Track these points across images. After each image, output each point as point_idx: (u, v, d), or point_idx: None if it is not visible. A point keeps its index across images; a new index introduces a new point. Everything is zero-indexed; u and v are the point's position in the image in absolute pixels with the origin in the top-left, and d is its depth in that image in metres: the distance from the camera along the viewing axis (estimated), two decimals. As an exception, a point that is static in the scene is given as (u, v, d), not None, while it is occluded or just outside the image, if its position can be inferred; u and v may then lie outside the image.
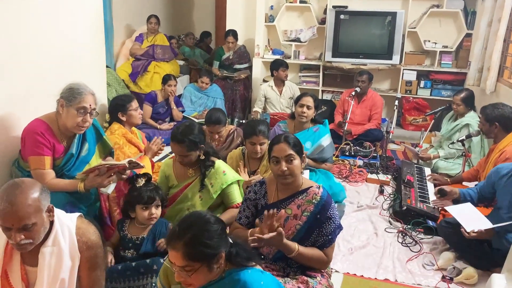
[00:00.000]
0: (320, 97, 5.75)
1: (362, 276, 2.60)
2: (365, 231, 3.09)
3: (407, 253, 2.81)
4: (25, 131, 2.38)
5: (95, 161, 2.58)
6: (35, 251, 1.69)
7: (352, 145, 4.35)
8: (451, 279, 2.54)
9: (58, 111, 2.39)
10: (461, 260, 2.63)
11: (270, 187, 2.20)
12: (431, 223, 3.03)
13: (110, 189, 2.43)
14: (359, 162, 4.19)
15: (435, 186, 3.55)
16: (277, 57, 5.71)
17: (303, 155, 2.13)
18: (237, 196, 2.62)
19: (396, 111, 4.33)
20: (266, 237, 1.87)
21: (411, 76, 5.46)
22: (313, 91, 5.62)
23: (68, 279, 1.72)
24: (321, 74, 5.79)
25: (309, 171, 3.38)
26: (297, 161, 2.07)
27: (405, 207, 3.14)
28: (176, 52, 5.96)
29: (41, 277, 1.68)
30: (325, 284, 2.04)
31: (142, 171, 2.55)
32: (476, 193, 2.81)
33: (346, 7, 5.38)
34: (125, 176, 2.41)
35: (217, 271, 1.54)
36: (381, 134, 4.64)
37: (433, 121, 4.51)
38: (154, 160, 3.43)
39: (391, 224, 3.17)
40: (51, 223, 1.71)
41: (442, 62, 5.41)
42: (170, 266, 1.56)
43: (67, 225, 1.75)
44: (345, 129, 4.42)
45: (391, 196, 3.57)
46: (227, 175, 2.58)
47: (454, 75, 5.35)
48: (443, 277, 2.57)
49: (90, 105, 2.37)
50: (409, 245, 2.89)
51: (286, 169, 2.05)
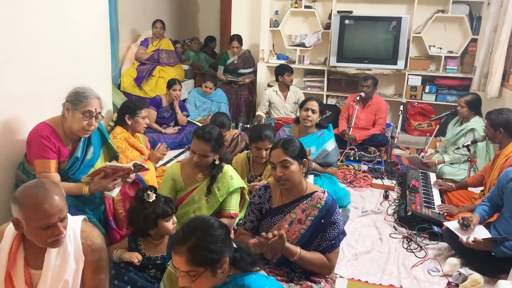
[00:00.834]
0: (324, 102, 5.75)
1: (366, 281, 2.57)
2: (369, 236, 3.07)
3: (412, 258, 2.79)
4: (31, 134, 2.39)
5: (100, 164, 2.58)
6: (39, 254, 1.69)
7: (356, 150, 4.34)
8: (457, 286, 2.52)
9: (63, 114, 2.40)
10: (467, 266, 2.61)
11: (274, 191, 2.20)
12: (436, 228, 3.01)
13: (114, 192, 2.43)
14: (364, 167, 4.17)
15: (440, 192, 3.54)
16: (282, 62, 5.73)
17: (304, 160, 2.11)
18: (234, 205, 2.60)
19: (401, 116, 4.32)
20: (267, 241, 1.87)
21: (416, 81, 5.45)
22: (317, 95, 5.59)
23: (71, 281, 1.72)
24: (325, 79, 5.79)
25: (313, 175, 3.38)
26: (294, 167, 2.05)
27: (410, 213, 3.12)
28: (181, 56, 5.98)
29: (45, 277, 1.68)
30: (329, 289, 2.03)
31: (147, 176, 2.56)
32: (487, 206, 2.78)
33: (351, 12, 5.39)
34: (129, 179, 2.41)
35: (221, 276, 1.54)
36: (386, 139, 4.62)
37: (438, 126, 4.49)
38: (157, 165, 3.44)
39: (396, 229, 3.15)
40: None
41: (447, 67, 5.40)
42: (174, 271, 1.56)
43: (72, 227, 1.75)
44: (350, 134, 4.41)
45: (396, 201, 3.55)
46: (233, 180, 2.59)
47: (459, 80, 5.33)
48: (449, 283, 2.55)
49: (95, 109, 2.38)
50: (414, 250, 2.87)
51: (281, 174, 2.05)
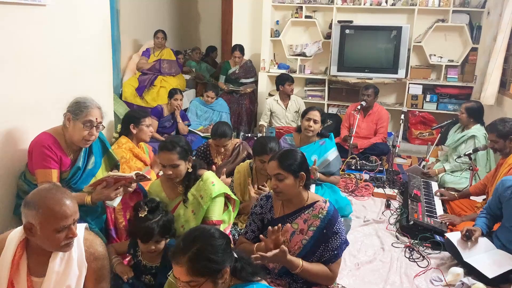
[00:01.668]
0: (325, 111, 5.76)
1: (369, 291, 2.56)
2: (371, 246, 3.05)
3: (415, 268, 2.77)
4: (32, 144, 2.40)
5: (101, 174, 2.59)
6: (43, 261, 1.69)
7: (358, 159, 4.34)
8: (460, 296, 2.50)
9: (65, 124, 2.41)
10: (470, 276, 2.58)
11: (276, 201, 2.19)
12: (438, 238, 2.99)
13: (115, 202, 2.43)
14: (365, 176, 4.16)
15: (442, 201, 3.52)
16: (283, 71, 5.74)
17: (301, 174, 2.06)
18: (216, 212, 2.52)
19: (402, 125, 4.32)
20: (269, 255, 1.86)
21: (417, 90, 5.46)
22: (318, 105, 5.62)
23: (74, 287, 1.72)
24: (326, 88, 5.80)
25: (314, 185, 3.37)
26: (288, 181, 2.04)
27: (412, 222, 3.11)
28: (182, 66, 6.00)
29: (48, 283, 1.68)
30: (331, 299, 2.02)
31: (147, 188, 2.56)
32: (487, 218, 2.76)
33: (351, 22, 5.42)
34: (131, 189, 2.41)
35: (222, 286, 1.53)
36: (387, 148, 4.62)
37: (439, 135, 4.49)
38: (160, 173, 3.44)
39: (398, 239, 3.13)
40: None
41: (448, 76, 5.41)
42: (174, 281, 1.55)
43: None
44: (351, 143, 4.41)
45: (398, 210, 3.54)
46: (215, 185, 2.53)
47: (460, 89, 5.34)
48: (452, 293, 2.53)
49: (96, 119, 2.40)
50: (416, 260, 2.85)
51: (275, 186, 2.05)
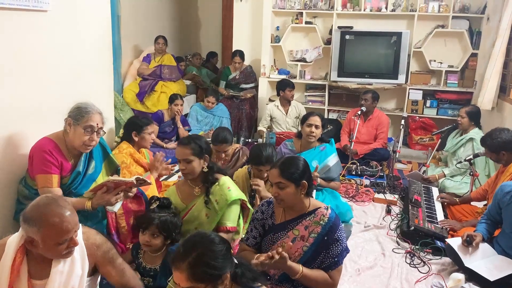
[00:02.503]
0: (326, 116, 5.77)
1: (369, 297, 2.55)
2: (372, 251, 3.05)
3: (415, 274, 2.76)
4: (33, 149, 2.40)
5: (102, 179, 2.59)
6: (44, 264, 1.69)
7: (358, 164, 4.33)
8: (461, 301, 2.49)
9: (65, 129, 2.41)
10: (471, 281, 2.58)
11: (277, 207, 2.18)
12: (439, 243, 2.98)
13: (116, 207, 2.43)
14: (366, 181, 4.16)
15: (443, 206, 3.52)
16: (283, 76, 5.76)
17: (303, 182, 2.04)
18: (232, 218, 2.53)
19: (402, 130, 4.32)
20: (269, 261, 1.85)
21: (417, 95, 5.47)
22: (319, 110, 5.63)
23: (77, 287, 1.73)
24: (326, 93, 5.81)
25: (315, 190, 3.36)
26: (289, 189, 2.03)
27: (412, 227, 3.10)
28: (183, 72, 6.02)
29: (52, 284, 1.67)
30: (332, 305, 2.01)
31: (149, 190, 2.55)
32: (487, 223, 2.76)
33: (351, 27, 5.44)
34: (131, 193, 2.41)
35: (223, 291, 1.52)
36: (388, 153, 4.62)
37: (439, 140, 4.49)
38: (160, 179, 3.43)
39: (399, 244, 3.12)
40: None
41: (448, 81, 5.42)
42: (174, 287, 1.55)
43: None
44: (351, 148, 4.41)
45: (399, 216, 3.53)
46: (231, 191, 2.54)
47: (460, 94, 5.35)
48: (453, 299, 2.52)
49: (97, 124, 2.40)
50: (417, 266, 2.84)
51: (276, 194, 2.05)
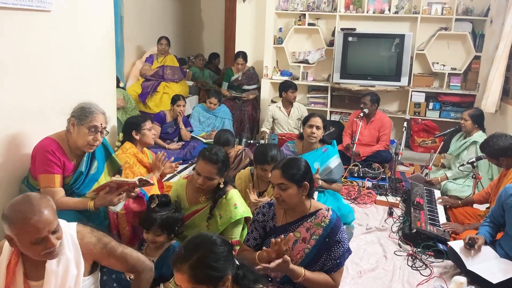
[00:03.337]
0: (328, 118, 5.76)
1: (371, 300, 2.55)
2: (374, 253, 3.04)
3: (417, 277, 2.75)
4: (36, 149, 2.40)
5: (104, 179, 2.60)
6: (39, 265, 1.69)
7: (360, 166, 4.33)
8: (463, 305, 2.48)
9: (68, 129, 2.42)
10: (473, 285, 2.57)
11: (278, 209, 2.18)
12: (441, 246, 2.97)
13: (119, 207, 2.44)
14: (368, 183, 4.15)
15: (445, 208, 3.51)
16: (286, 78, 5.76)
17: (305, 183, 2.05)
18: (237, 232, 2.51)
19: (404, 132, 4.32)
20: (272, 265, 1.85)
21: (419, 97, 5.47)
22: (321, 112, 5.62)
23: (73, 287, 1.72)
24: (329, 95, 5.81)
25: (317, 192, 3.36)
26: (291, 190, 2.03)
27: (414, 230, 3.09)
28: (185, 73, 6.03)
29: (48, 285, 1.67)
30: (333, 308, 2.00)
31: (152, 191, 2.55)
32: (490, 226, 2.75)
33: (354, 29, 5.44)
34: (134, 194, 2.42)
35: (224, 293, 1.52)
36: (390, 155, 4.61)
37: (442, 143, 4.48)
38: (163, 179, 3.44)
39: (401, 247, 3.11)
40: None
41: (450, 84, 5.41)
42: (176, 288, 1.55)
43: (70, 233, 1.76)
44: (353, 150, 4.40)
45: (401, 218, 3.52)
46: (237, 209, 2.48)
47: (462, 97, 5.34)
48: (455, 302, 2.51)
49: (101, 124, 2.41)
50: (419, 268, 2.83)
51: (278, 196, 2.04)
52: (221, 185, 2.48)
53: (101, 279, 1.98)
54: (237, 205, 2.49)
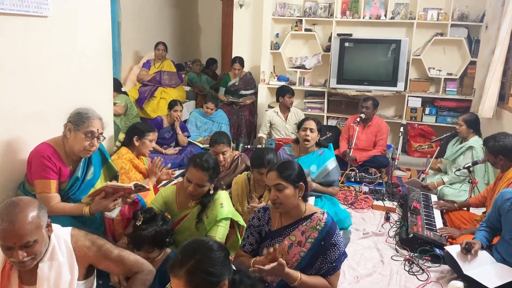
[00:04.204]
0: (325, 123, 5.78)
1: (368, 305, 2.54)
2: (371, 258, 3.04)
3: (414, 281, 2.75)
4: (32, 154, 2.40)
5: (100, 184, 2.59)
6: (33, 270, 1.68)
7: (357, 171, 4.33)
8: (460, 309, 2.48)
9: (65, 135, 2.41)
10: (470, 290, 2.57)
11: (273, 213, 2.18)
12: (438, 251, 2.98)
13: (114, 213, 2.43)
14: (365, 188, 4.16)
15: (442, 213, 3.52)
16: (283, 83, 5.77)
17: (300, 184, 2.07)
18: (221, 233, 2.43)
19: (401, 137, 4.33)
20: (267, 268, 1.85)
21: (416, 102, 5.49)
22: (318, 117, 5.63)
23: None
24: (326, 100, 5.82)
25: (314, 197, 3.36)
26: (288, 191, 2.03)
27: (411, 235, 3.09)
28: (182, 78, 6.04)
29: None
30: (330, 313, 2.00)
31: (148, 197, 2.54)
32: (486, 231, 2.76)
33: (350, 35, 5.46)
34: (129, 199, 2.41)
35: (221, 298, 1.52)
36: (387, 160, 4.62)
37: (438, 147, 4.50)
38: (158, 186, 3.43)
39: (398, 251, 3.12)
40: (49, 237, 1.72)
41: (446, 89, 5.44)
42: (172, 293, 1.54)
43: (64, 238, 1.75)
44: (350, 155, 4.41)
45: (398, 223, 3.53)
46: (223, 208, 2.47)
47: (459, 102, 5.36)
48: (452, 307, 2.51)
49: (97, 130, 2.40)
50: (416, 273, 2.83)
51: (275, 198, 2.04)
52: (211, 191, 2.47)
53: (97, 284, 1.97)
54: (223, 204, 2.49)
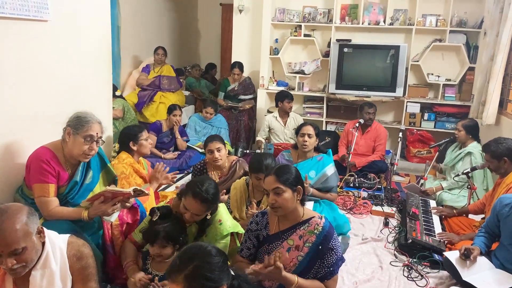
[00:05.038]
0: (324, 128, 5.78)
1: (367, 311, 2.54)
2: (370, 264, 3.03)
3: (413, 287, 2.75)
4: (31, 158, 2.39)
5: (99, 189, 2.58)
6: (27, 275, 1.67)
7: (356, 176, 4.34)
8: (459, 316, 2.48)
9: (64, 139, 2.41)
10: (469, 296, 2.57)
11: (271, 218, 2.19)
12: (437, 256, 2.97)
13: (113, 217, 2.42)
14: (364, 193, 4.15)
15: (441, 218, 3.51)
16: (282, 88, 5.79)
17: (298, 188, 2.08)
18: (223, 247, 2.38)
19: (400, 143, 4.34)
20: (264, 271, 1.84)
21: (414, 108, 5.50)
22: (317, 122, 5.64)
23: None
24: (325, 105, 5.84)
25: (313, 202, 3.36)
26: (286, 194, 2.04)
27: (410, 240, 3.09)
28: (181, 83, 6.05)
29: None
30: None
31: (147, 202, 2.53)
32: (485, 237, 2.75)
33: (349, 40, 5.48)
34: (128, 204, 2.41)
35: (219, 303, 1.51)
36: (385, 165, 4.62)
37: (437, 153, 4.51)
38: (158, 189, 3.42)
39: (397, 257, 3.11)
40: (43, 244, 1.71)
41: (445, 95, 5.46)
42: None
43: (59, 246, 1.74)
44: (349, 160, 4.41)
45: (396, 228, 3.52)
46: (222, 225, 2.41)
47: (457, 107, 5.38)
48: (451, 313, 2.50)
49: (96, 134, 2.40)
50: (415, 279, 2.83)
51: (274, 201, 2.04)
52: (208, 217, 2.38)
53: None
54: (222, 221, 2.42)
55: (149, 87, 5.57)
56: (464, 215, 3.49)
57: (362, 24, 5.56)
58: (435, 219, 3.47)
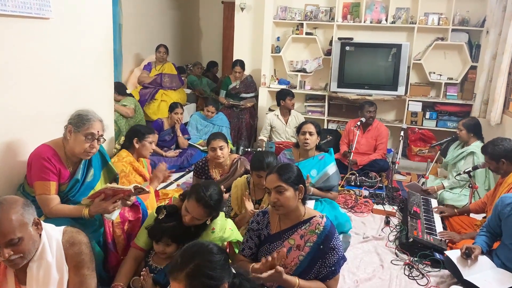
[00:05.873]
0: (325, 127, 5.78)
1: (368, 309, 2.54)
2: (371, 263, 3.03)
3: (414, 286, 2.75)
4: (32, 156, 2.39)
5: (100, 187, 2.58)
6: (27, 267, 1.68)
7: (357, 175, 4.33)
8: (460, 315, 2.48)
9: (65, 136, 2.41)
10: (470, 294, 2.57)
11: (273, 217, 2.18)
12: (438, 255, 2.97)
13: (114, 215, 2.42)
14: (365, 192, 4.15)
15: (442, 218, 3.51)
16: (283, 87, 5.78)
17: (300, 186, 2.08)
18: None
19: (401, 141, 4.33)
20: (264, 275, 1.84)
21: (416, 107, 5.49)
22: (318, 120, 5.64)
23: None
24: (326, 104, 5.83)
25: (314, 201, 3.36)
26: (288, 193, 2.04)
27: (411, 239, 3.09)
28: (183, 80, 6.05)
29: None
30: (329, 317, 2.00)
31: (148, 200, 2.53)
32: (486, 236, 2.75)
33: (351, 39, 5.47)
34: (129, 202, 2.41)
35: (220, 301, 1.51)
36: (387, 164, 4.62)
37: (439, 152, 4.50)
38: (157, 188, 3.43)
39: (398, 256, 3.11)
40: (40, 236, 1.72)
41: (447, 93, 5.44)
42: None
43: (56, 237, 1.74)
44: (351, 159, 4.41)
45: (397, 227, 3.52)
46: (214, 234, 2.38)
47: (459, 106, 5.37)
48: (452, 312, 2.50)
49: (98, 132, 2.40)
50: (416, 278, 2.83)
51: (276, 200, 2.04)
52: (208, 222, 2.37)
53: None
54: (215, 229, 2.40)
55: (150, 85, 5.56)
56: (465, 214, 3.49)
57: (364, 22, 5.54)
58: (437, 218, 3.47)
